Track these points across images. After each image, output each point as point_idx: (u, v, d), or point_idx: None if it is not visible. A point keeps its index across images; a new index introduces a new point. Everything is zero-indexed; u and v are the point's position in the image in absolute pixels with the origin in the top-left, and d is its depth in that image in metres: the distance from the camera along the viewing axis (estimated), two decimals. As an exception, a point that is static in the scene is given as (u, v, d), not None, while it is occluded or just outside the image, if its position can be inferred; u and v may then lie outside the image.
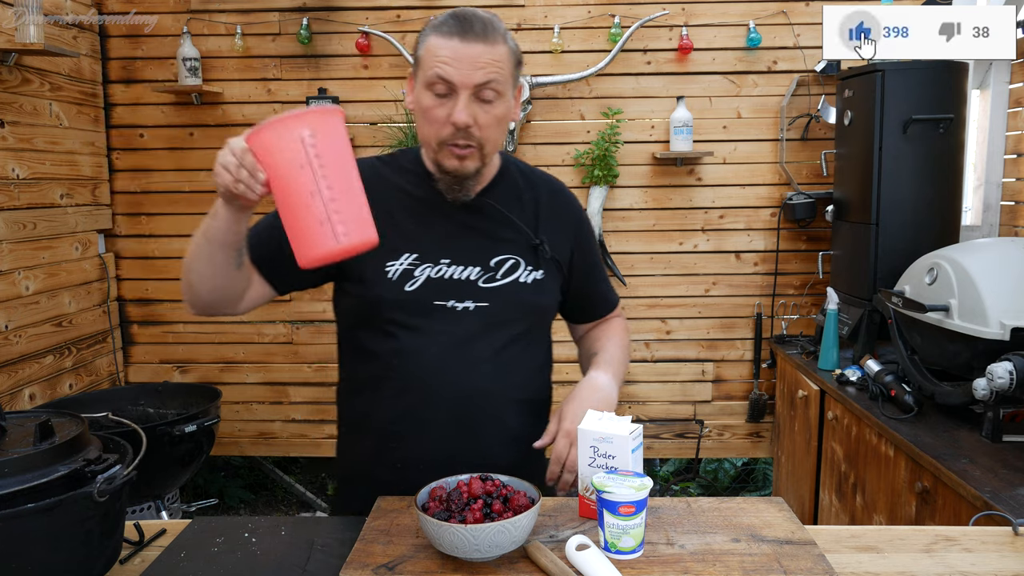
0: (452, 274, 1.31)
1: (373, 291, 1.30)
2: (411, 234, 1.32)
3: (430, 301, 1.30)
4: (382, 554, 1.04)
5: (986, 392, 1.85)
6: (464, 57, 1.20)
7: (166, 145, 3.32)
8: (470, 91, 1.21)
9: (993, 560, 1.08)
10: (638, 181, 3.27)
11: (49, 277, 2.91)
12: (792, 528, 1.11)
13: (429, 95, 1.23)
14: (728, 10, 3.20)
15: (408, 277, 1.30)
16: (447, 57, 1.20)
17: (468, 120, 1.21)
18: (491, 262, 1.33)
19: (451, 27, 1.21)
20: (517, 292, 1.33)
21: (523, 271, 1.34)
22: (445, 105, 1.22)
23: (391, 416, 1.32)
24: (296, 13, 3.21)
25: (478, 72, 1.20)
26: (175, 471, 2.81)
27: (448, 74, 1.20)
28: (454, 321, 1.30)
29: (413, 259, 1.31)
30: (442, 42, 1.21)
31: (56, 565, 0.93)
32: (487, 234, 1.35)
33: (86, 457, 0.99)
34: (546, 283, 1.36)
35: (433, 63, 1.21)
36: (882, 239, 2.63)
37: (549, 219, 1.39)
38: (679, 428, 3.44)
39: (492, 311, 1.31)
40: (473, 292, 1.31)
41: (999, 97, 2.89)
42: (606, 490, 1.03)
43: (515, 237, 1.35)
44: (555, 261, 1.38)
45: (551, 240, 1.38)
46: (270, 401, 3.47)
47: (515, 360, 1.34)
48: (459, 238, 1.33)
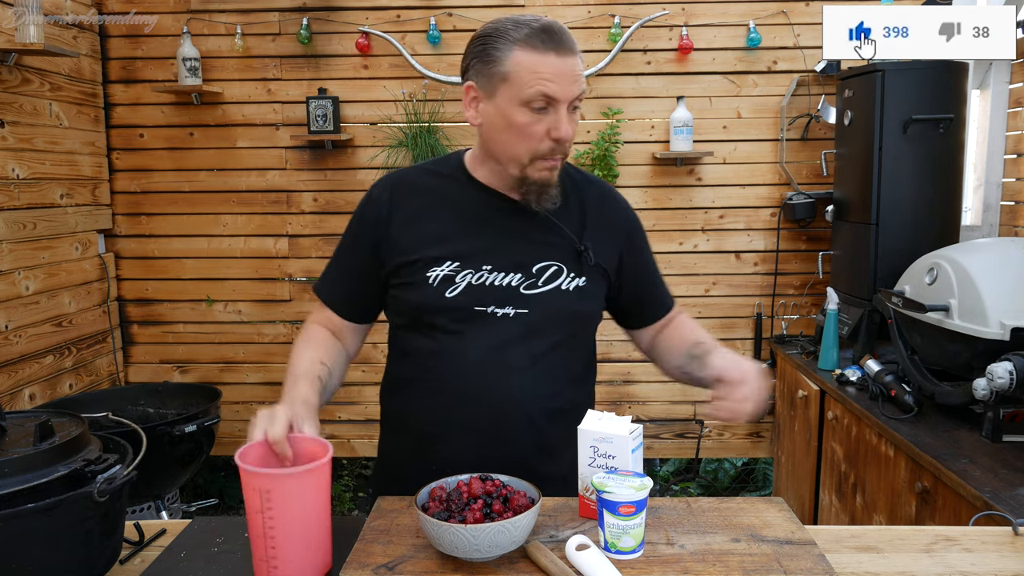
0: (493, 280, 1.31)
1: (415, 296, 1.32)
2: (454, 240, 1.33)
3: (470, 307, 1.30)
4: (382, 554, 1.04)
5: (986, 392, 1.85)
6: (564, 72, 1.22)
7: (166, 145, 3.32)
8: (567, 105, 1.23)
9: (993, 560, 1.08)
10: (638, 181, 3.27)
11: (49, 277, 2.91)
12: (792, 528, 1.11)
13: (525, 111, 1.23)
14: (728, 10, 3.20)
15: (449, 283, 1.31)
16: (549, 74, 1.21)
17: (572, 132, 1.25)
18: (533, 268, 1.33)
19: (544, 42, 1.21)
20: (558, 299, 1.33)
21: (565, 278, 1.34)
22: (543, 120, 1.23)
23: (427, 418, 1.34)
24: (296, 13, 3.21)
25: (574, 87, 1.23)
26: (175, 471, 2.81)
27: (552, 91, 1.21)
28: (493, 327, 1.31)
29: (455, 265, 1.31)
30: (538, 58, 1.21)
31: (56, 565, 0.93)
32: (530, 240, 1.34)
33: (86, 457, 0.99)
34: (588, 290, 1.36)
35: (533, 80, 1.21)
36: (882, 239, 2.63)
37: (596, 224, 1.39)
38: (679, 428, 3.44)
39: (532, 318, 1.31)
40: (514, 298, 1.31)
41: (999, 97, 2.89)
42: (606, 490, 1.03)
43: (559, 242, 1.35)
44: (599, 268, 1.37)
45: (597, 246, 1.37)
46: (270, 401, 3.41)
47: (553, 368, 1.34)
48: (502, 244, 1.33)
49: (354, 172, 3.31)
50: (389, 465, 1.46)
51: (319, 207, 3.33)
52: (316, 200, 3.33)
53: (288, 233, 3.34)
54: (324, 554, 1.03)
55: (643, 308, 1.50)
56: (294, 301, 3.39)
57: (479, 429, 1.31)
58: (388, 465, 1.47)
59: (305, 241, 3.35)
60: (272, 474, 0.99)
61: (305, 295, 3.38)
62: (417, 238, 1.34)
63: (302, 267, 3.37)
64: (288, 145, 3.30)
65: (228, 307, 3.41)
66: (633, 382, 3.40)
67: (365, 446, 3.47)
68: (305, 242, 3.35)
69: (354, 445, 3.47)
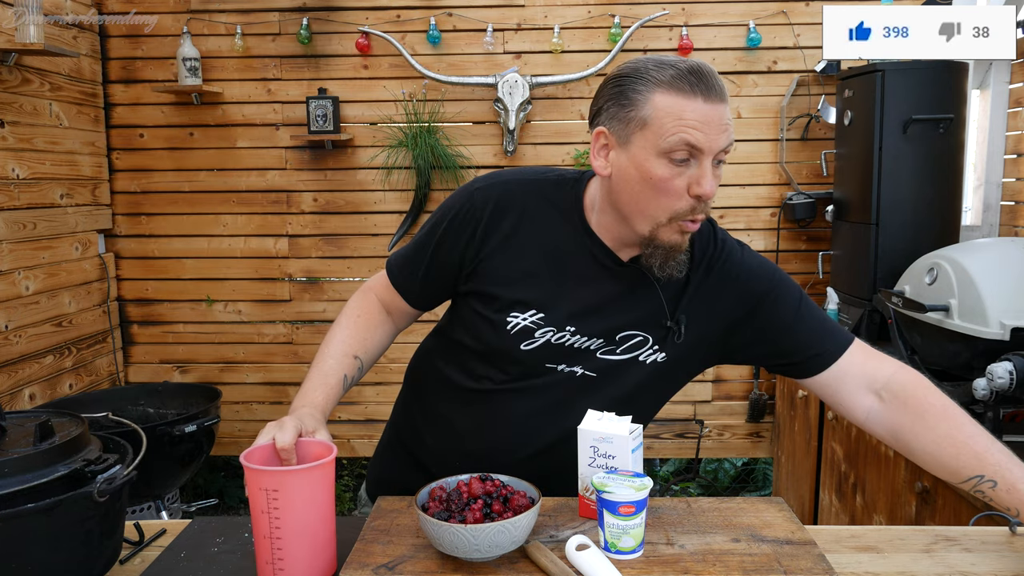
0: (573, 343, 1.23)
1: (489, 337, 1.24)
2: (545, 288, 1.22)
3: (542, 363, 1.23)
4: (382, 554, 1.04)
5: (986, 392, 1.85)
6: (713, 120, 1.08)
7: (166, 145, 3.32)
8: (711, 159, 1.10)
9: (993, 560, 1.08)
10: (638, 181, 3.27)
11: (49, 277, 2.91)
12: (792, 528, 1.11)
13: (665, 163, 1.10)
14: (728, 10, 3.20)
15: (527, 335, 1.22)
16: (695, 121, 1.07)
17: (715, 190, 1.11)
18: (616, 336, 1.23)
19: (692, 85, 1.08)
20: (631, 371, 1.24)
21: (647, 350, 1.24)
22: (684, 174, 1.10)
23: (451, 457, 1.28)
24: (296, 13, 3.21)
25: (722, 137, 1.09)
26: (175, 471, 2.81)
27: (698, 140, 1.08)
28: (555, 381, 1.24)
29: (538, 318, 1.22)
30: (685, 103, 1.07)
31: (56, 565, 0.93)
32: (623, 305, 1.23)
33: (86, 457, 0.99)
34: (668, 367, 1.25)
35: (677, 127, 1.08)
36: (882, 239, 2.63)
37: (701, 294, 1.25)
38: (679, 428, 3.44)
39: (598, 383, 1.24)
40: (587, 360, 1.23)
41: (999, 97, 2.89)
42: (606, 490, 1.03)
43: (650, 311, 1.23)
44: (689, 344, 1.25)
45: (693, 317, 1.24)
46: (270, 401, 3.47)
47: None
48: (593, 310, 1.22)
49: (354, 172, 3.31)
50: (389, 482, 1.40)
51: (319, 207, 3.33)
52: (316, 200, 3.33)
53: (288, 233, 3.34)
54: (330, 556, 1.03)
55: (795, 363, 1.29)
56: (294, 301, 3.39)
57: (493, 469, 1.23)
58: (388, 482, 1.41)
59: (305, 241, 3.35)
60: (279, 472, 0.99)
61: (305, 295, 3.38)
62: (508, 271, 1.23)
63: (302, 267, 3.37)
64: (288, 145, 3.30)
65: (228, 307, 3.41)
66: (633, 382, 3.39)
67: (365, 446, 3.47)
68: (305, 242, 3.35)
69: (354, 445, 3.47)
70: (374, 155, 3.27)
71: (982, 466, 1.11)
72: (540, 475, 1.12)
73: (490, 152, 3.28)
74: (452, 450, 1.31)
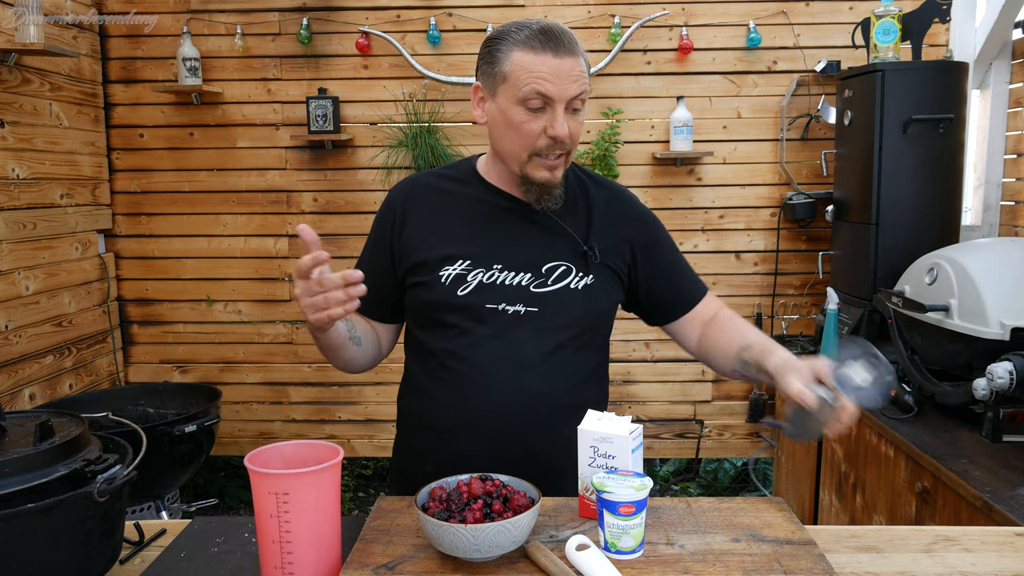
0: (504, 279, 1.35)
1: (428, 295, 1.36)
2: (464, 242, 1.37)
3: (482, 305, 1.34)
4: (382, 554, 1.04)
5: (986, 392, 1.85)
6: (560, 72, 1.24)
7: (166, 145, 3.32)
8: (563, 105, 1.26)
9: (993, 560, 1.08)
10: (638, 181, 3.27)
11: (49, 277, 2.91)
12: (792, 528, 1.11)
13: (521, 110, 1.27)
14: (728, 10, 3.20)
15: (461, 281, 1.34)
16: (545, 73, 1.24)
17: (566, 132, 1.27)
18: (542, 268, 1.36)
19: (542, 43, 1.25)
20: (567, 298, 1.35)
21: (574, 277, 1.37)
22: (539, 119, 1.27)
23: (443, 414, 1.36)
24: (296, 13, 3.21)
25: (572, 85, 1.26)
26: (175, 471, 2.81)
27: (547, 90, 1.24)
28: (505, 324, 1.34)
29: (466, 264, 1.35)
30: (535, 58, 1.25)
31: (56, 565, 0.93)
32: (539, 240, 1.38)
33: (86, 457, 0.99)
34: (597, 288, 1.38)
35: (529, 79, 1.25)
36: (882, 239, 2.63)
37: (603, 224, 1.41)
38: (679, 428, 3.44)
39: (542, 315, 1.34)
40: (524, 297, 1.34)
41: (999, 97, 2.89)
42: (606, 490, 1.03)
43: (566, 243, 1.38)
44: (607, 267, 1.40)
45: (604, 245, 1.40)
46: (270, 401, 3.47)
47: (565, 365, 1.36)
48: (512, 244, 1.37)
49: (354, 172, 3.31)
50: (407, 467, 1.46)
51: (319, 207, 3.34)
52: (316, 200, 3.33)
53: (288, 233, 3.34)
54: (335, 557, 1.03)
55: (663, 303, 1.50)
56: (294, 301, 3.37)
57: (495, 425, 1.33)
58: (406, 467, 1.47)
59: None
60: (290, 475, 0.98)
61: (305, 295, 3.37)
62: (430, 238, 1.38)
63: (302, 267, 3.36)
64: (288, 145, 3.30)
65: (228, 307, 3.41)
66: (633, 382, 3.40)
67: (365, 446, 3.47)
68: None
69: (354, 445, 3.47)
70: (374, 155, 3.27)
71: (746, 340, 1.36)
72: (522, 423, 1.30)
73: (490, 152, 3.28)
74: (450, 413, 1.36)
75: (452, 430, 1.35)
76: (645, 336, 3.37)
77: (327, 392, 3.45)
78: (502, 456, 1.29)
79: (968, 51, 2.94)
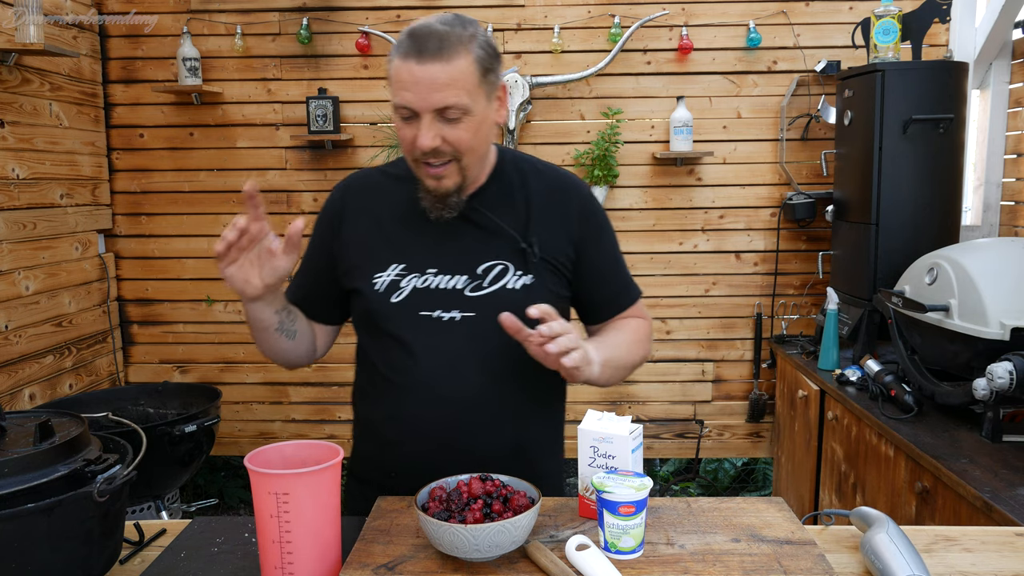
0: (438, 284, 1.29)
1: (364, 303, 1.33)
2: (399, 244, 1.32)
3: (416, 312, 1.29)
4: (382, 554, 1.04)
5: (986, 392, 1.85)
6: (421, 80, 1.16)
7: (166, 145, 3.32)
8: (431, 114, 1.18)
9: (993, 560, 1.08)
10: (638, 181, 3.27)
11: (49, 277, 2.91)
12: (792, 528, 1.11)
13: (398, 117, 1.22)
14: (728, 10, 3.20)
15: (395, 288, 1.30)
16: (406, 81, 1.17)
17: (431, 144, 1.19)
18: (478, 269, 1.30)
19: (407, 48, 1.17)
20: (504, 300, 1.28)
21: (511, 277, 1.30)
22: (411, 127, 1.21)
23: (388, 423, 1.33)
24: (296, 13, 3.21)
25: (435, 96, 1.17)
26: (175, 471, 2.80)
27: (407, 100, 1.18)
28: (441, 332, 1.28)
29: (400, 270, 1.31)
30: (401, 65, 1.18)
31: (56, 565, 0.93)
32: (475, 240, 1.31)
33: (86, 457, 0.99)
34: (537, 287, 1.31)
35: (396, 88, 1.19)
36: (882, 239, 2.63)
37: (543, 217, 1.33)
38: (679, 428, 3.44)
39: (478, 320, 1.28)
40: (459, 302, 1.29)
41: (999, 97, 2.89)
42: (606, 490, 1.03)
43: (503, 241, 1.31)
44: (548, 263, 1.32)
45: (545, 239, 1.32)
46: (270, 401, 3.47)
47: (506, 371, 1.30)
48: (446, 246, 1.31)
49: (354, 172, 3.30)
50: (358, 466, 1.45)
51: (319, 207, 3.32)
52: (316, 200, 3.33)
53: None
54: (335, 557, 1.03)
55: (596, 304, 1.42)
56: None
57: (437, 434, 1.29)
58: (357, 467, 1.45)
59: (305, 241, 3.34)
60: (290, 475, 0.98)
61: (305, 295, 3.38)
62: (365, 240, 1.35)
63: (302, 267, 3.37)
64: (288, 145, 3.30)
65: (228, 307, 3.41)
66: (633, 382, 3.40)
67: (365, 446, 3.46)
68: (305, 242, 3.34)
69: (354, 445, 3.46)
70: (374, 155, 3.27)
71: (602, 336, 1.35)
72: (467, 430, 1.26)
73: (490, 152, 3.28)
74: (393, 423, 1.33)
75: (395, 442, 1.31)
76: (645, 336, 3.37)
77: (327, 392, 3.45)
78: (446, 463, 1.24)
79: (968, 51, 2.95)
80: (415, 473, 1.17)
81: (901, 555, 0.98)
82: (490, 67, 1.23)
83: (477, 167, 1.29)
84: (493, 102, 1.26)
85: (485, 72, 1.22)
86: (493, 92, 1.26)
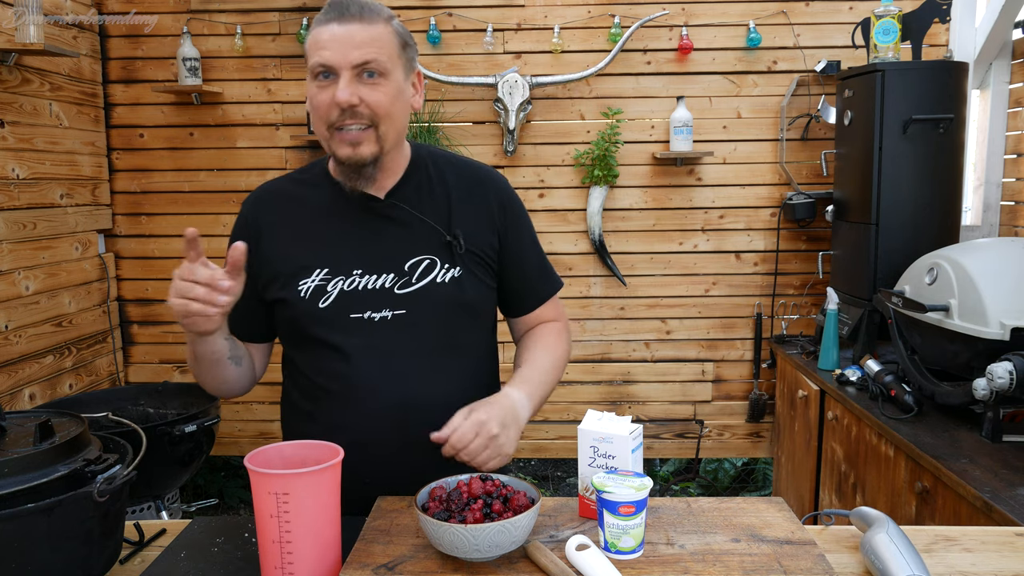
0: (365, 284, 1.27)
1: (290, 311, 1.29)
2: (321, 248, 1.29)
3: (346, 315, 1.26)
4: (382, 554, 1.04)
5: (986, 392, 1.85)
6: (341, 37, 1.18)
7: (166, 145, 3.32)
8: (351, 71, 1.19)
9: (993, 560, 1.08)
10: (638, 181, 3.27)
11: (49, 277, 2.91)
12: (792, 528, 1.11)
13: (315, 85, 1.21)
14: (728, 10, 3.20)
15: (321, 293, 1.27)
16: (326, 40, 1.19)
17: (350, 98, 1.18)
18: (405, 266, 1.28)
19: (327, 13, 1.21)
20: (434, 294, 1.28)
21: (439, 271, 1.29)
22: (328, 89, 1.20)
23: (334, 434, 1.25)
24: (296, 13, 3.21)
25: (356, 52, 1.18)
26: (175, 471, 2.80)
27: (325, 58, 1.18)
28: (373, 333, 1.26)
29: (325, 274, 1.28)
30: (321, 29, 1.20)
31: (56, 565, 0.93)
32: (399, 237, 1.29)
33: (86, 457, 0.99)
34: (466, 280, 1.30)
35: (314, 51, 1.20)
36: (882, 239, 2.63)
37: (464, 209, 1.32)
38: (679, 428, 3.44)
39: (410, 318, 1.27)
40: (389, 300, 1.27)
41: (999, 97, 2.90)
42: (606, 490, 1.03)
43: (428, 236, 1.30)
44: (473, 254, 1.31)
45: (469, 231, 1.31)
46: (270, 401, 3.47)
47: (445, 365, 1.29)
48: (370, 246, 1.29)
49: (354, 172, 3.30)
50: None
51: (319, 207, 3.33)
52: (316, 200, 3.32)
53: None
54: (335, 557, 1.03)
55: (519, 293, 1.41)
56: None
57: (381, 439, 1.26)
58: None
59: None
60: (289, 475, 0.98)
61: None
62: (285, 251, 1.31)
63: (302, 267, 3.36)
64: (288, 145, 3.30)
65: (228, 307, 3.40)
66: (633, 382, 3.40)
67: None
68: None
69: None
70: (374, 155, 3.27)
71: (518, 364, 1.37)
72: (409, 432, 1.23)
73: (490, 152, 3.28)
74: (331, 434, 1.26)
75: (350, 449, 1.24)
76: (645, 336, 3.37)
77: (327, 392, 3.45)
78: (395, 469, 1.24)
79: (968, 51, 2.95)
80: (361, 483, 1.16)
81: (901, 555, 0.98)
82: (408, 44, 1.27)
83: (393, 141, 1.26)
84: (410, 81, 1.28)
85: (403, 46, 1.26)
86: (411, 71, 1.28)
